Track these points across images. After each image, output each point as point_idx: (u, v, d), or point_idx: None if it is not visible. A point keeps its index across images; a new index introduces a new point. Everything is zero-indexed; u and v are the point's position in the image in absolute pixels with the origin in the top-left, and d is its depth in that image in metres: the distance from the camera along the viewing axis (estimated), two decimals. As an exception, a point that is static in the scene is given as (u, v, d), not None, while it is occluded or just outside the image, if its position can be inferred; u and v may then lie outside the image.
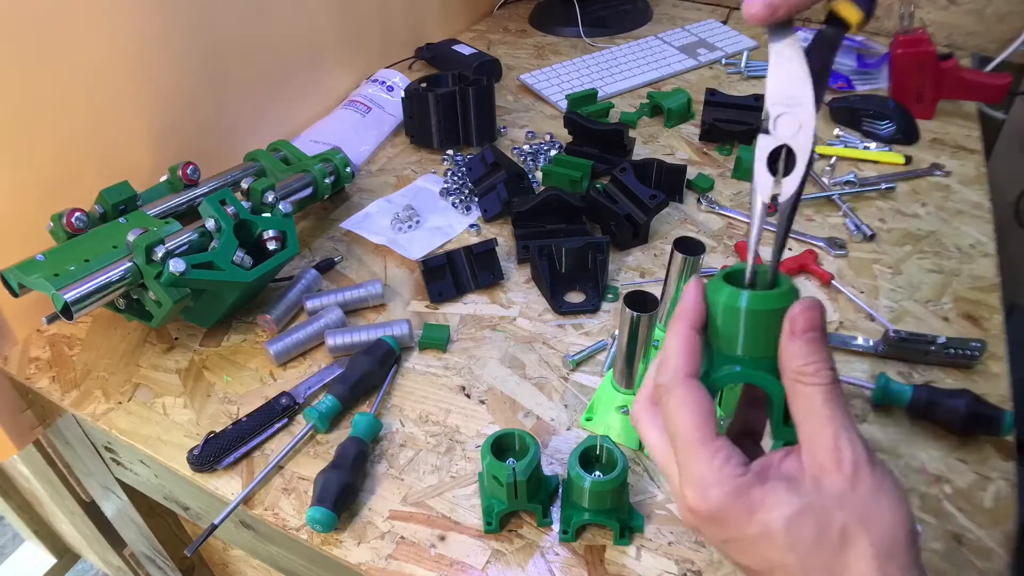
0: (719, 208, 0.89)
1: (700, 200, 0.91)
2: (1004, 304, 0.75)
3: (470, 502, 0.60)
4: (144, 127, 0.81)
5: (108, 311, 0.75)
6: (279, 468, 0.63)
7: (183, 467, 0.64)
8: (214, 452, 0.63)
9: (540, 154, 1.00)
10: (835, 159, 0.94)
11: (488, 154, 0.91)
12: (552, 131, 1.04)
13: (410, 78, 1.13)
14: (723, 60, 1.21)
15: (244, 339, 0.76)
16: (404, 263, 0.84)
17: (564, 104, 1.08)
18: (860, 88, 1.11)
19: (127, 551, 1.11)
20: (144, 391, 0.71)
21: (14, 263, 0.65)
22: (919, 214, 0.88)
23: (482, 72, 1.12)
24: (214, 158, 0.87)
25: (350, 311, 0.77)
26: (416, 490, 0.61)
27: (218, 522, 0.59)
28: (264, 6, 0.92)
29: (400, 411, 0.68)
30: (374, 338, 0.71)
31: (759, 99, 0.99)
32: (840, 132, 1.02)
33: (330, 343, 0.72)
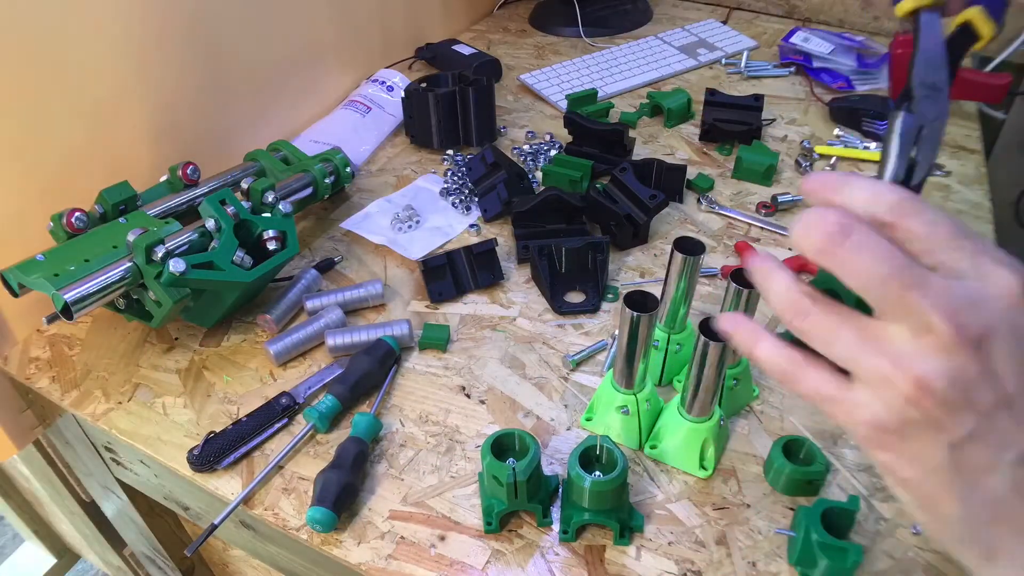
0: (719, 208, 0.89)
1: (700, 200, 0.91)
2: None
3: (470, 502, 0.60)
4: (144, 127, 0.81)
5: (108, 311, 0.75)
6: (279, 468, 0.63)
7: (183, 467, 0.64)
8: (214, 452, 0.63)
9: (540, 154, 1.00)
10: (835, 159, 0.94)
11: (488, 154, 0.91)
12: (552, 131, 1.04)
13: (410, 78, 1.13)
14: (723, 60, 1.21)
15: (244, 339, 0.76)
16: (404, 263, 0.84)
17: (564, 104, 1.08)
18: (860, 88, 1.11)
19: (127, 551, 1.11)
20: (144, 391, 0.71)
21: (14, 263, 0.65)
22: (919, 214, 0.88)
23: (482, 72, 1.12)
24: (214, 158, 0.87)
25: (350, 311, 0.77)
26: (416, 490, 0.61)
27: (218, 522, 0.60)
28: (264, 6, 0.92)
29: (400, 411, 0.68)
30: (374, 338, 0.71)
31: (759, 99, 0.99)
32: (840, 132, 1.02)
33: (330, 343, 0.72)
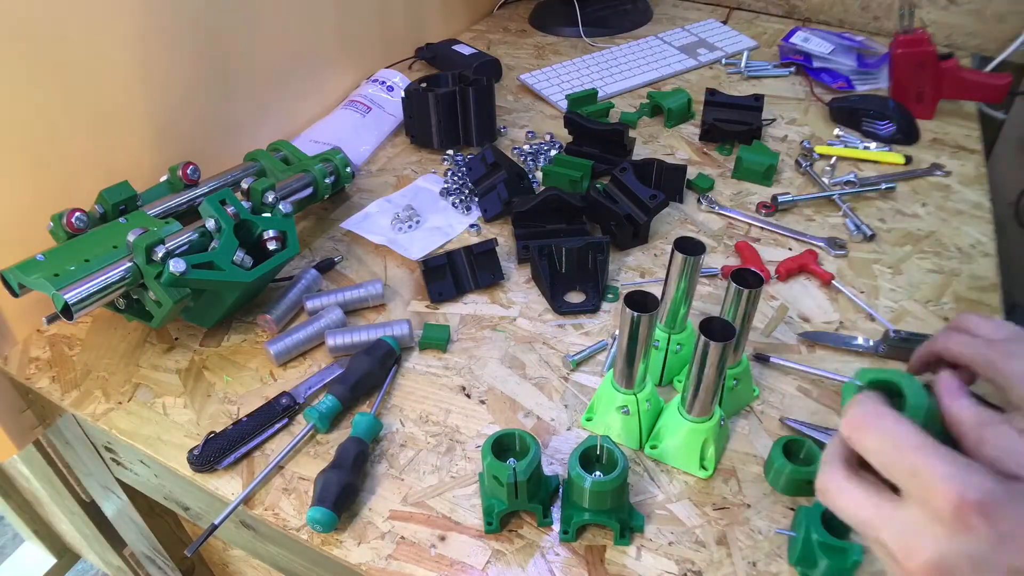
0: (719, 208, 0.89)
1: (700, 200, 0.91)
2: (1004, 304, 0.75)
3: (470, 502, 0.60)
4: (144, 127, 0.81)
5: (108, 311, 0.75)
6: (279, 468, 0.63)
7: (183, 467, 0.64)
8: (214, 452, 0.63)
9: (540, 154, 1.00)
10: (835, 159, 0.94)
11: (488, 154, 0.91)
12: (552, 131, 1.04)
13: (410, 78, 1.13)
14: (723, 60, 1.21)
15: (244, 339, 0.76)
16: (404, 263, 0.84)
17: (564, 104, 1.08)
18: (860, 88, 1.11)
19: (127, 551, 1.11)
20: (144, 391, 0.71)
21: (14, 263, 0.65)
22: (919, 214, 0.88)
23: (482, 72, 1.12)
24: (214, 158, 0.87)
25: (350, 311, 0.77)
26: (416, 490, 0.61)
27: (218, 522, 0.60)
28: (264, 6, 0.92)
29: (400, 411, 0.68)
30: (374, 338, 0.71)
31: (759, 99, 0.99)
32: (840, 132, 1.02)
33: (330, 343, 0.72)
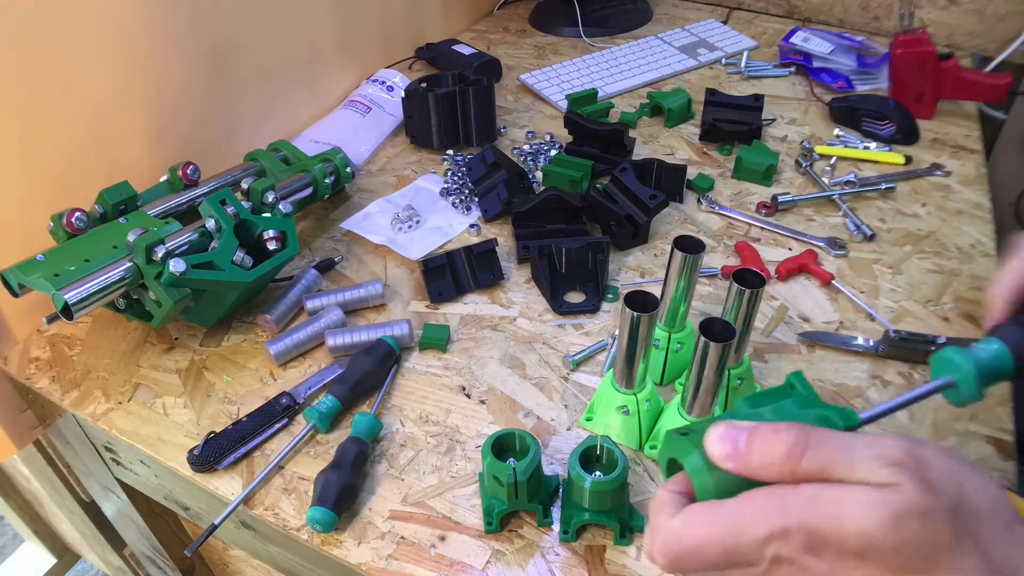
0: (719, 208, 0.89)
1: (700, 200, 0.91)
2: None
3: (470, 502, 0.60)
4: (144, 127, 0.81)
5: (108, 311, 0.75)
6: (279, 468, 0.63)
7: (183, 467, 0.64)
8: (214, 452, 0.63)
9: (540, 154, 1.00)
10: (835, 159, 0.94)
11: (488, 154, 0.91)
12: (552, 131, 1.04)
13: (410, 78, 1.13)
14: (723, 60, 1.21)
15: (244, 339, 0.76)
16: (404, 263, 0.84)
17: (564, 104, 1.08)
18: (860, 88, 1.11)
19: (127, 551, 1.11)
20: (144, 391, 0.71)
21: (14, 263, 0.65)
22: (919, 214, 0.88)
23: (482, 72, 1.12)
24: (214, 158, 0.87)
25: (350, 311, 0.77)
26: (416, 490, 0.61)
27: (218, 522, 0.60)
28: (264, 6, 0.92)
29: (400, 411, 0.68)
30: (374, 338, 0.71)
31: (759, 99, 0.99)
32: (840, 132, 1.02)
33: (330, 343, 0.72)
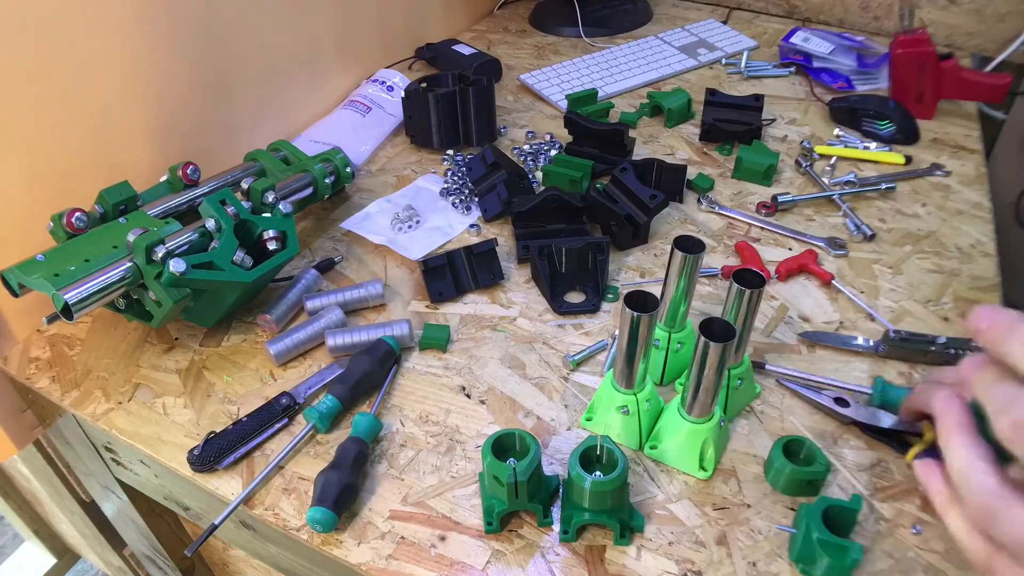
0: (719, 208, 0.89)
1: (700, 200, 0.91)
2: (1004, 304, 0.75)
3: (470, 502, 0.60)
4: (144, 127, 0.81)
5: (108, 311, 0.75)
6: (279, 468, 0.63)
7: (183, 467, 0.64)
8: (214, 452, 0.63)
9: (540, 154, 1.00)
10: (835, 159, 0.94)
11: (488, 154, 0.91)
12: (552, 131, 1.04)
13: (410, 78, 1.13)
14: (723, 60, 1.21)
15: (244, 339, 0.76)
16: (404, 263, 0.84)
17: (564, 104, 1.08)
18: (860, 88, 1.11)
19: (127, 551, 1.11)
20: (144, 391, 0.71)
21: (14, 263, 0.65)
22: (919, 214, 0.88)
23: (482, 72, 1.12)
24: (214, 158, 0.87)
25: (350, 311, 0.77)
26: (416, 490, 0.61)
27: (218, 522, 0.60)
28: (264, 6, 0.92)
29: (400, 411, 0.68)
30: (374, 338, 0.71)
31: (759, 99, 0.99)
32: (840, 132, 1.02)
33: (330, 343, 0.72)
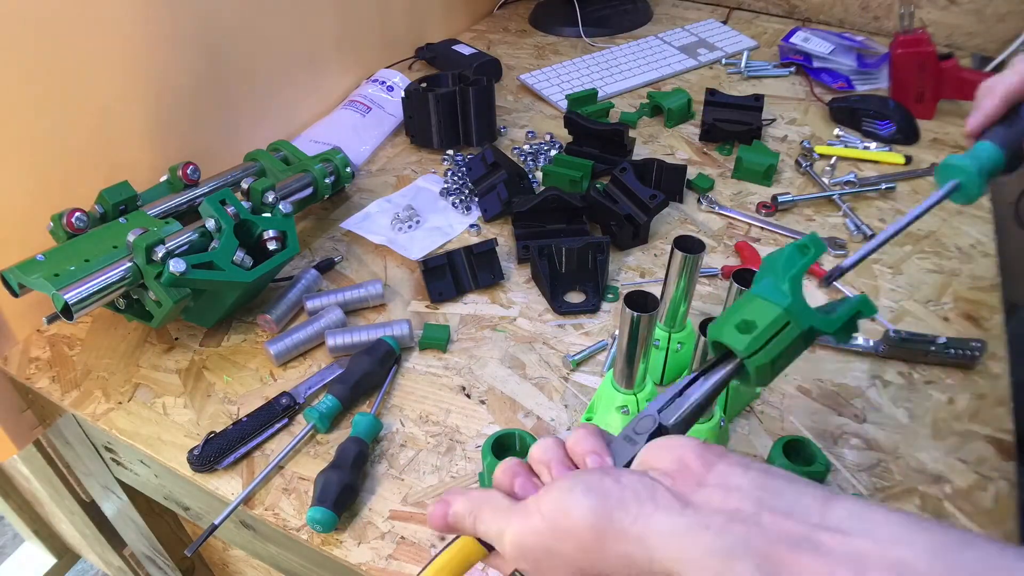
0: (719, 208, 0.89)
1: (700, 200, 0.91)
2: (1004, 304, 0.75)
3: (470, 502, 0.60)
4: (144, 127, 0.81)
5: (108, 311, 0.75)
6: (279, 468, 0.63)
7: (183, 467, 0.64)
8: (214, 452, 0.63)
9: (540, 154, 1.00)
10: (835, 159, 0.94)
11: (488, 154, 0.91)
12: (552, 131, 1.04)
13: (410, 78, 1.13)
14: (723, 60, 1.21)
15: (244, 339, 0.76)
16: (404, 263, 0.84)
17: (564, 104, 1.08)
18: (860, 88, 1.11)
19: (127, 551, 1.11)
20: (144, 391, 0.71)
21: (14, 263, 0.65)
22: (919, 214, 0.88)
23: (482, 72, 1.12)
24: (214, 158, 0.87)
25: (350, 311, 0.77)
26: (416, 490, 0.61)
27: (218, 522, 0.60)
28: (264, 6, 0.92)
29: (400, 411, 0.68)
30: (374, 338, 0.71)
31: (759, 99, 0.99)
32: (840, 132, 1.02)
33: (330, 343, 0.72)
